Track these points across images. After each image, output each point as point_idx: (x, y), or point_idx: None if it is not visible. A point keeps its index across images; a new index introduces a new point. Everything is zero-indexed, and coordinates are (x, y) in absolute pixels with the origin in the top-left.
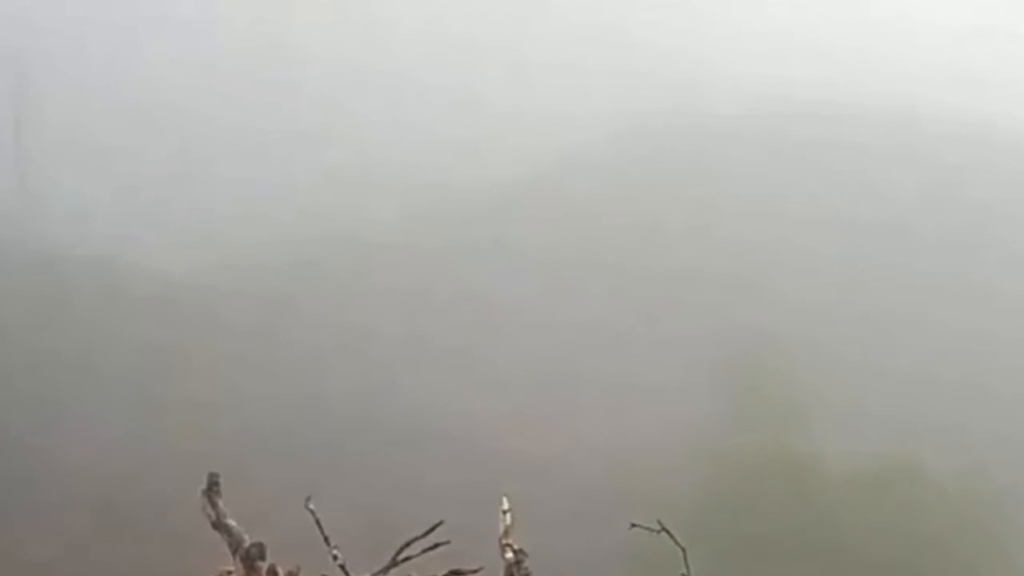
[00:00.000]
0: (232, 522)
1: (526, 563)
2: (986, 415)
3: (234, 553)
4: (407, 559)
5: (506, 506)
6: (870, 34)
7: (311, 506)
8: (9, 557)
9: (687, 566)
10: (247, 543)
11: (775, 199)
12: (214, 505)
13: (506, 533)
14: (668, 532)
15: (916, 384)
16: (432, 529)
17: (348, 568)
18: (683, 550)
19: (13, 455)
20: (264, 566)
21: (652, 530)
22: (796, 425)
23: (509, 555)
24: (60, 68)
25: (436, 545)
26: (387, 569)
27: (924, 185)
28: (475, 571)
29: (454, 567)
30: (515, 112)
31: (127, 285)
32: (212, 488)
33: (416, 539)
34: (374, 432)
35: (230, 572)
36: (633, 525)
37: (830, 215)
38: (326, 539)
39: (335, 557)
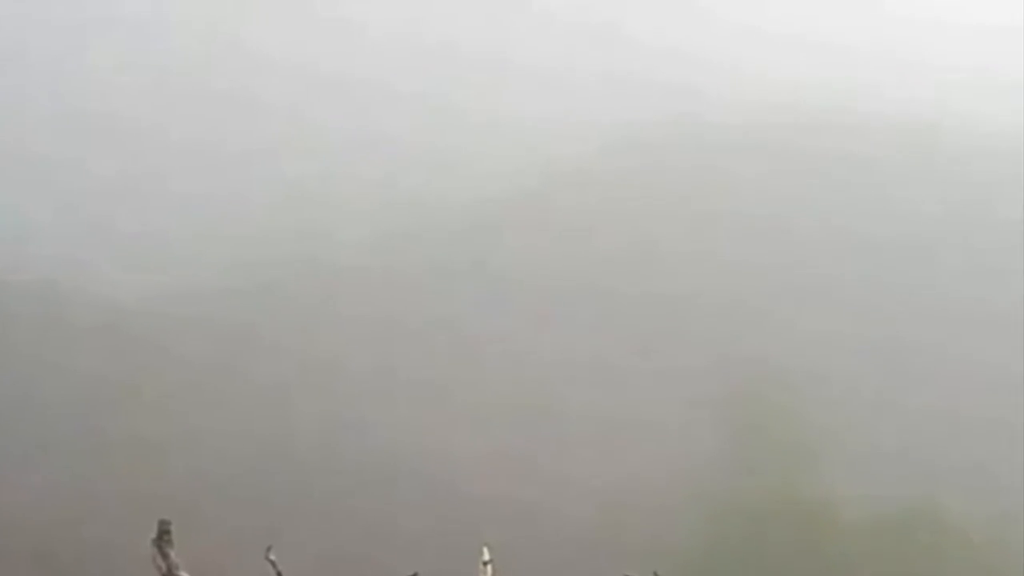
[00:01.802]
0: (185, 574)
1: None
2: (1015, 456)
3: None
4: None
5: (487, 556)
6: (890, 34)
7: (272, 556)
8: None
9: None
10: None
11: (783, 217)
12: (165, 556)
13: None
14: None
15: (938, 422)
16: None
17: None
18: None
19: None
20: None
21: None
22: (805, 466)
23: None
24: None
25: None
26: None
27: (948, 203)
28: None
29: None
30: (496, 122)
31: (70, 312)
32: (163, 536)
33: None
34: (341, 473)
35: None
36: None
37: (843, 235)
38: None
39: None
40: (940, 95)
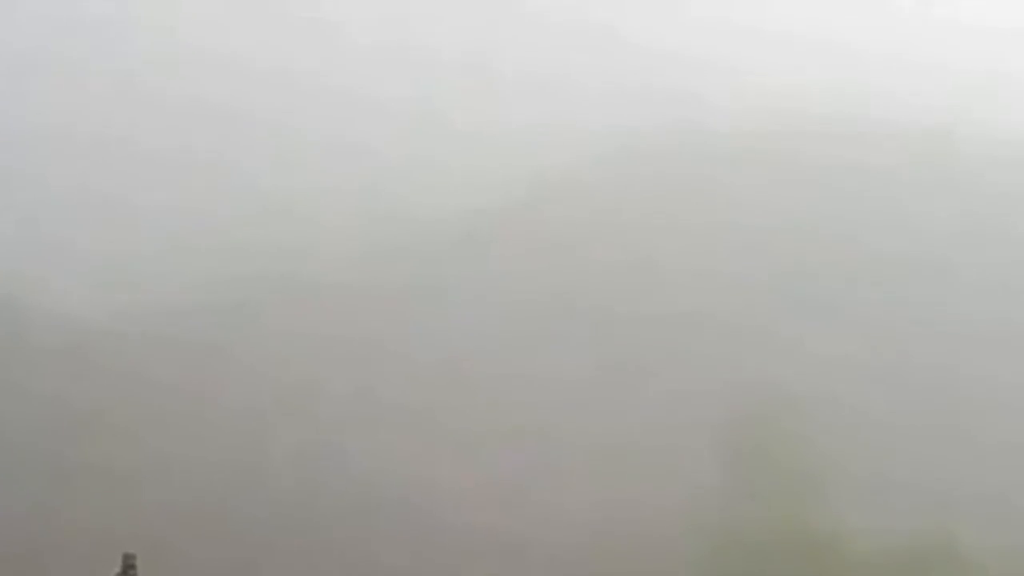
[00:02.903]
0: None
1: None
2: None
3: None
4: None
5: None
6: (901, 36)
7: None
8: None
9: None
10: None
11: (788, 231)
12: None
13: None
14: None
15: (953, 448)
16: None
17: None
18: None
19: None
20: None
21: None
22: (812, 496)
23: None
24: None
25: None
26: None
27: (963, 215)
28: None
29: None
30: (483, 130)
31: (30, 333)
32: (128, 572)
33: None
34: (319, 504)
35: None
36: None
37: (852, 250)
38: None
39: None
40: (955, 101)
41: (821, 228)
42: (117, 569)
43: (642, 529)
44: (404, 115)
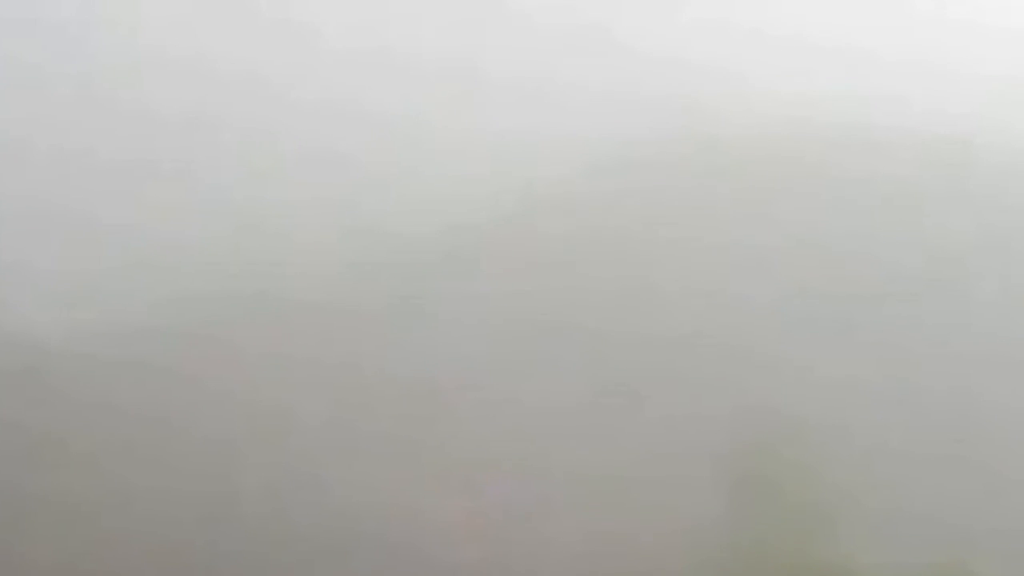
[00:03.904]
0: None
1: None
2: None
3: None
4: None
5: None
6: (916, 38)
7: None
8: None
9: None
10: None
11: (795, 247)
12: None
13: None
14: None
15: (972, 479)
16: None
17: None
18: None
19: None
20: None
21: None
22: (822, 530)
23: None
24: None
25: None
26: None
27: (983, 230)
28: None
29: None
30: (469, 139)
31: None
32: None
33: None
34: (294, 539)
35: None
36: None
37: (864, 267)
38: None
39: None
40: (974, 107)
41: (831, 243)
42: None
43: (639, 565)
44: (383, 123)
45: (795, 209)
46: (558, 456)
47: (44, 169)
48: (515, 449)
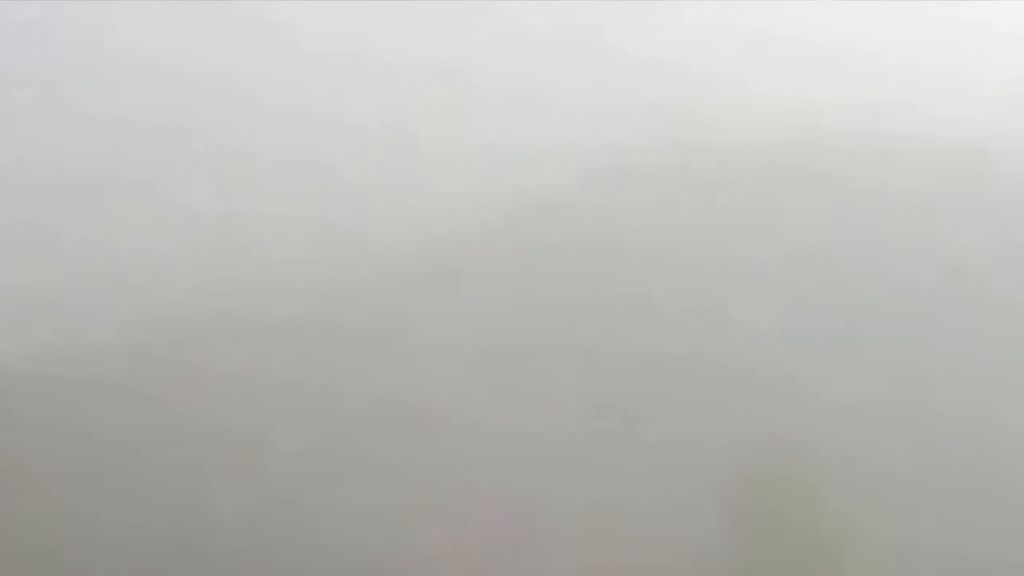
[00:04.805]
0: None
1: None
2: None
3: None
4: None
5: None
6: (928, 42)
7: None
8: None
9: None
10: None
11: (800, 262)
12: None
13: None
14: None
15: (988, 511)
16: None
17: None
18: None
19: None
20: None
21: None
22: (828, 564)
23: None
24: None
25: None
26: None
27: (998, 244)
28: None
29: None
30: (456, 149)
31: None
32: None
33: None
34: (270, 572)
35: None
36: None
37: (873, 284)
38: None
39: None
40: (988, 114)
41: (838, 258)
42: None
43: None
44: (364, 132)
45: (800, 222)
46: (548, 484)
47: (3, 179)
48: (503, 476)
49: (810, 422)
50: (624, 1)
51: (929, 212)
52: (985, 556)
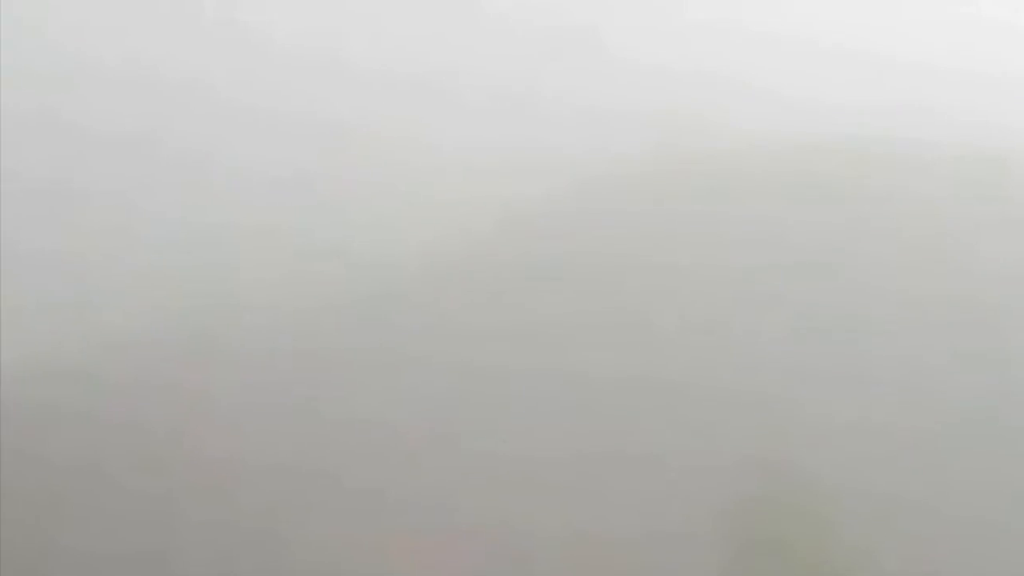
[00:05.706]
0: None
1: None
2: None
3: None
4: None
5: None
6: (948, 42)
7: None
8: None
9: None
10: None
11: (809, 276)
12: None
13: None
14: None
15: (1006, 540)
16: None
17: None
18: None
19: None
20: None
21: None
22: None
23: None
24: None
25: None
26: None
27: (1020, 255)
28: None
29: None
30: (439, 155)
31: None
32: None
33: None
34: None
35: None
36: None
37: (886, 298)
38: None
39: None
40: (1009, 119)
41: (848, 271)
42: None
43: None
44: (343, 137)
45: (807, 233)
46: (537, 510)
47: None
48: (491, 504)
49: (816, 445)
50: (622, 1)
51: (946, 222)
52: None
